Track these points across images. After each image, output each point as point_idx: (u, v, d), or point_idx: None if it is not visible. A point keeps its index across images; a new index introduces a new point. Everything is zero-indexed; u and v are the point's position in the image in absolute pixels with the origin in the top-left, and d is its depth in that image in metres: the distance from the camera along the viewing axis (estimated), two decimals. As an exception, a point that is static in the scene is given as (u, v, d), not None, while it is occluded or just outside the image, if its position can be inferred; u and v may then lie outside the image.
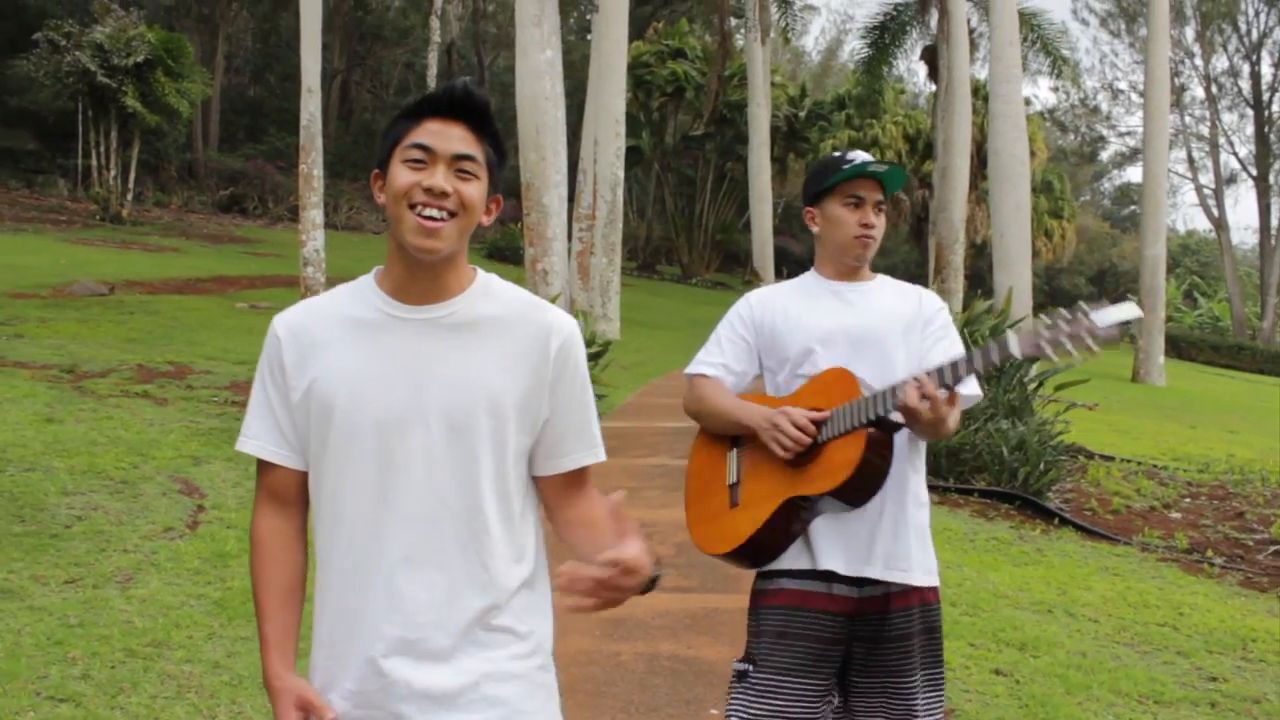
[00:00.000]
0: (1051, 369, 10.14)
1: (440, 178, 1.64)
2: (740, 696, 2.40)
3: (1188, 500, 8.36)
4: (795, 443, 2.31)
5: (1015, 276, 16.53)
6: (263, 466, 1.78)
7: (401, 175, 1.66)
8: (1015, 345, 2.14)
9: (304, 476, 1.77)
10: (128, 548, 4.81)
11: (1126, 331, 2.04)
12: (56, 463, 5.87)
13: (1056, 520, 7.02)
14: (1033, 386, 8.36)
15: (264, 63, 41.61)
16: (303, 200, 15.88)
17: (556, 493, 1.82)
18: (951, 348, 2.45)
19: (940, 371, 2.21)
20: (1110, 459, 9.94)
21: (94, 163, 24.92)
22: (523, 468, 1.78)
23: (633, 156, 32.56)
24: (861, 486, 2.29)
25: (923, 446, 2.48)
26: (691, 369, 2.60)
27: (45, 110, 26.98)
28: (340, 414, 1.69)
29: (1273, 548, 6.75)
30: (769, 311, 2.54)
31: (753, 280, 24.92)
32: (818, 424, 2.33)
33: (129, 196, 25.69)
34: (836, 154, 2.52)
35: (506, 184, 1.84)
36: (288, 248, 24.57)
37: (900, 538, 2.38)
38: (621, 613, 4.13)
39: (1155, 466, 9.95)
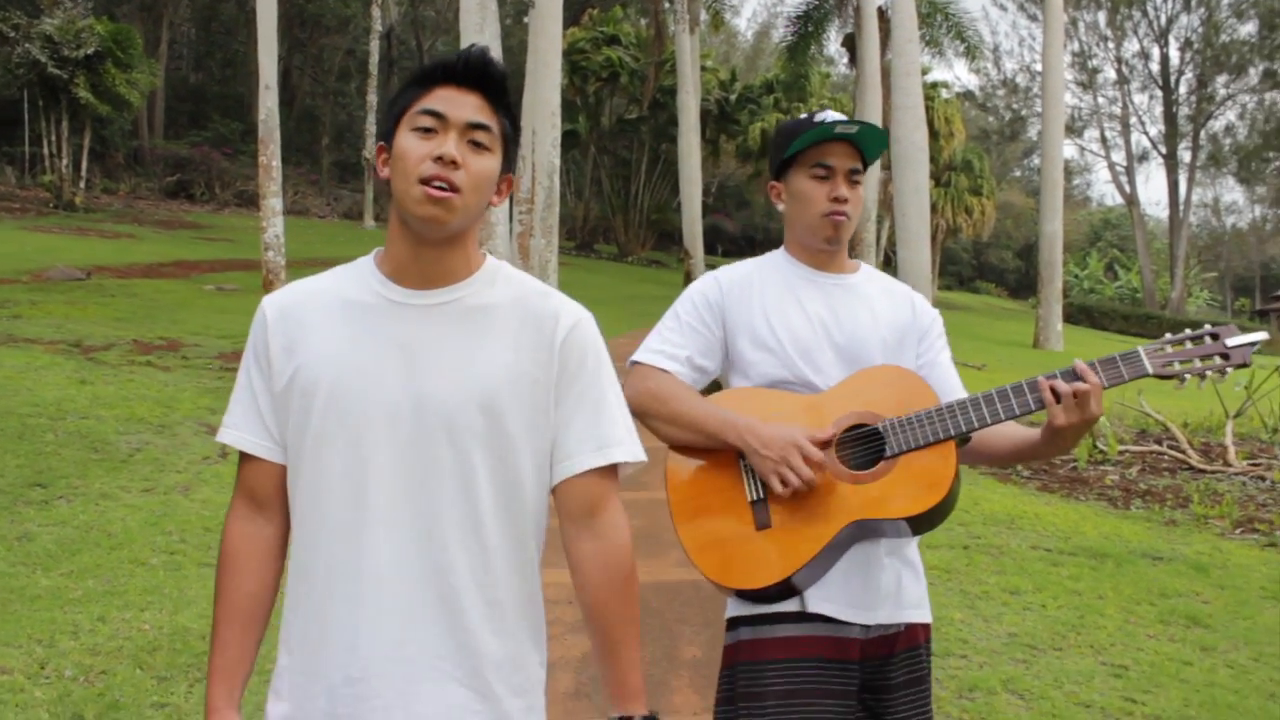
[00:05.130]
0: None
1: (451, 145, 1.52)
2: None
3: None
4: (805, 484, 1.95)
5: (915, 251, 18.29)
6: (243, 460, 1.64)
7: (410, 145, 1.53)
8: (1148, 364, 1.96)
9: (286, 472, 1.63)
10: (179, 469, 6.31)
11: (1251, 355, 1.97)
12: (103, 412, 7.32)
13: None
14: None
15: (206, 49, 42.26)
16: (263, 189, 17.19)
17: (570, 508, 1.64)
18: (950, 365, 2.21)
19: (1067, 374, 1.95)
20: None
21: (44, 151, 25.71)
22: (544, 479, 1.63)
23: (570, 140, 33.96)
24: (945, 509, 1.99)
25: None
26: (641, 356, 2.14)
27: (-9, 100, 27.64)
28: (321, 405, 1.55)
29: (1071, 465, 8.55)
30: (745, 302, 2.14)
31: (685, 259, 26.41)
32: (876, 433, 2.00)
33: (81, 184, 26.60)
34: (802, 115, 2.14)
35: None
36: (239, 232, 25.71)
37: (906, 569, 2.10)
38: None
39: (1013, 412, 11.72)
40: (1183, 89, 50.97)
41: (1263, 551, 6.26)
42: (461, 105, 1.54)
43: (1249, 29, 48.11)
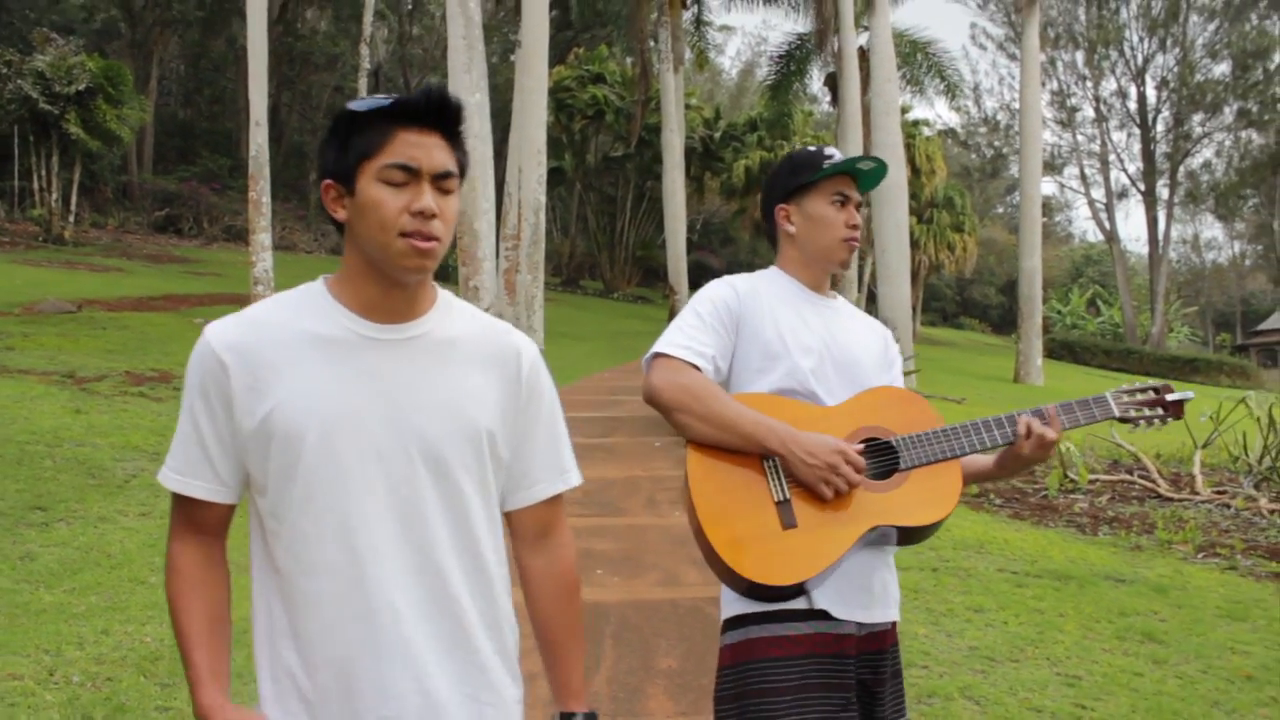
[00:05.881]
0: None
1: (429, 198, 1.54)
2: None
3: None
4: (849, 487, 2.08)
5: (896, 288, 18.62)
6: (185, 500, 1.64)
7: (382, 197, 1.54)
8: (1115, 407, 2.23)
9: (233, 508, 1.67)
10: (175, 495, 6.49)
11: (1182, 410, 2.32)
12: (99, 440, 7.50)
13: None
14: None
15: (195, 86, 42.60)
16: (252, 224, 17.43)
17: (526, 530, 1.76)
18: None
19: (1067, 409, 2.21)
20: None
21: (34, 185, 25.90)
22: (499, 499, 1.72)
23: (556, 177, 34.35)
24: (942, 524, 2.17)
25: None
26: (668, 349, 2.18)
27: (-20, 135, 27.74)
28: (313, 447, 1.55)
29: (1042, 493, 8.79)
30: (757, 312, 2.25)
31: (670, 295, 26.65)
32: (889, 447, 2.15)
33: (70, 218, 26.78)
34: (812, 149, 2.33)
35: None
36: (227, 267, 25.92)
37: (889, 572, 2.24)
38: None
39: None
40: (1160, 127, 51.71)
41: (1222, 574, 6.50)
42: (430, 152, 1.55)
43: (1223, 69, 48.99)
